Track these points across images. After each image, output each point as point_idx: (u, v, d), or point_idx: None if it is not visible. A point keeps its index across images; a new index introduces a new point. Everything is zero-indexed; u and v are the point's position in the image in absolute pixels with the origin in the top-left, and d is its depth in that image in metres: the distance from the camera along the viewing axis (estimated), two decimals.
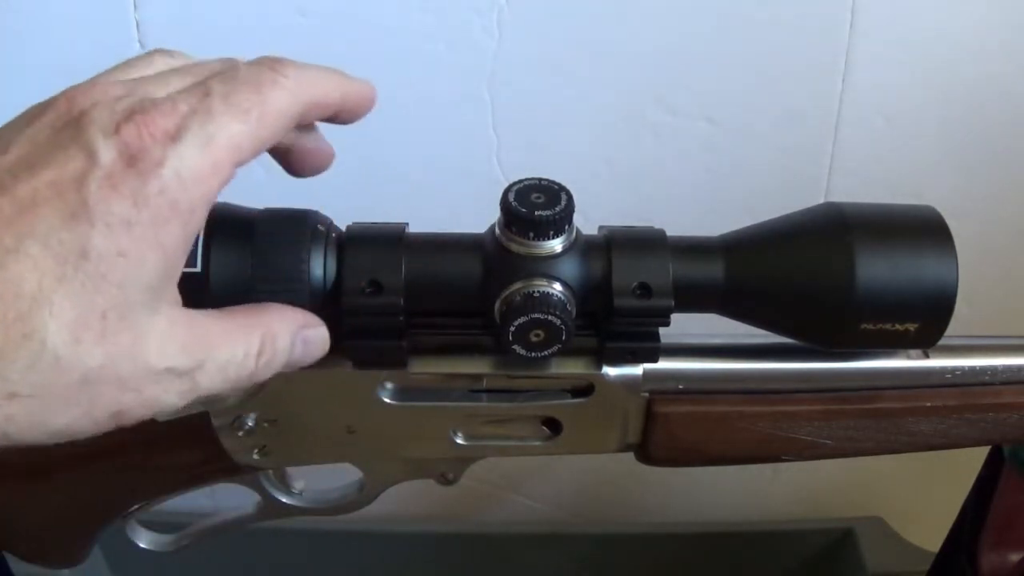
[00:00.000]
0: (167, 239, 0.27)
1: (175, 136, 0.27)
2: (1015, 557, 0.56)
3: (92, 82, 0.28)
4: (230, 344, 0.30)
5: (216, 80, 0.28)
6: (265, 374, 0.31)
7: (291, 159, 0.34)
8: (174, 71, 0.30)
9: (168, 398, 0.28)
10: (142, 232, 0.26)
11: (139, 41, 0.63)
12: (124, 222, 0.26)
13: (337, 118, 0.33)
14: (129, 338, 0.27)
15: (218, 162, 0.27)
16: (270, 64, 0.29)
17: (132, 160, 0.26)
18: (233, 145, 0.28)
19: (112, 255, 0.26)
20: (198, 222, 0.28)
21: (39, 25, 0.63)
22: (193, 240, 0.28)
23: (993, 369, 0.40)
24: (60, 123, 0.27)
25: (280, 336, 0.32)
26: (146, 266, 0.26)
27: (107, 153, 0.26)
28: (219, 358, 0.29)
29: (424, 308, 0.35)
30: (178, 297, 0.29)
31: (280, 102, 0.29)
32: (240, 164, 0.28)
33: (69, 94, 0.27)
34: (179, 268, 0.28)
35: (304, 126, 0.33)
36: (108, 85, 0.28)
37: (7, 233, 0.25)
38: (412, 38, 0.64)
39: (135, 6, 0.62)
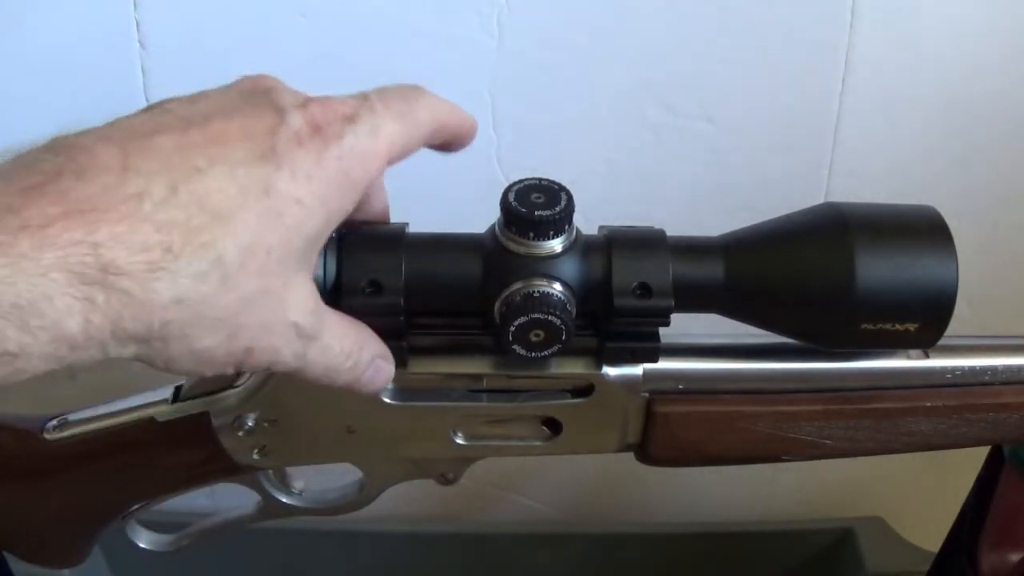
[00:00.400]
0: (334, 201, 0.30)
1: (351, 120, 0.30)
2: (1015, 557, 0.55)
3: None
4: (340, 334, 0.32)
5: (373, 92, 0.32)
6: (339, 379, 0.33)
7: None
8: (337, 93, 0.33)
9: (286, 353, 0.30)
10: (318, 188, 0.29)
11: (139, 41, 0.63)
12: (306, 174, 0.29)
13: (448, 145, 0.36)
14: (280, 281, 0.29)
15: (380, 150, 0.31)
16: (413, 86, 0.34)
17: (317, 128, 0.29)
18: (391, 140, 0.31)
19: (290, 199, 0.28)
20: (357, 196, 0.31)
21: (39, 25, 0.63)
22: (343, 218, 0.31)
23: (993, 369, 0.40)
24: (249, 92, 0.30)
25: (366, 353, 0.34)
26: (314, 219, 0.29)
27: (296, 118, 0.29)
28: (330, 340, 0.32)
29: (424, 308, 0.35)
30: (312, 271, 0.32)
31: (423, 115, 0.33)
32: (392, 160, 0.32)
33: (249, 77, 0.32)
34: (325, 239, 0.31)
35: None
36: (280, 87, 0.32)
37: (200, 156, 0.27)
38: (412, 38, 0.64)
39: (135, 6, 0.62)
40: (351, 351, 0.33)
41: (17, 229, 0.24)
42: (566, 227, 0.34)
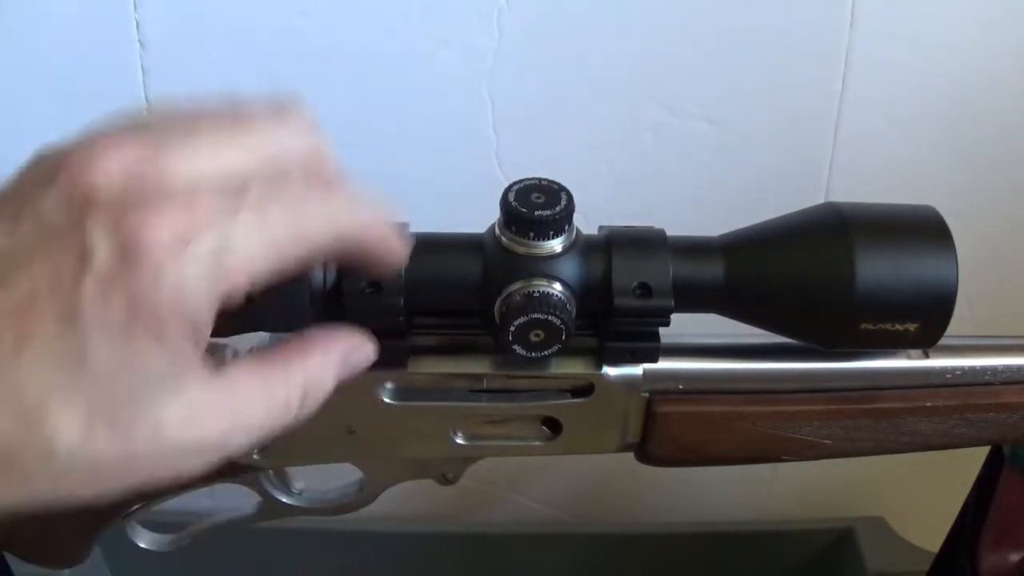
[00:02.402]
0: (168, 346, 0.24)
1: (182, 243, 0.23)
2: (1015, 557, 0.55)
3: (111, 141, 0.25)
4: (265, 405, 0.29)
5: (256, 186, 0.25)
6: (309, 411, 0.30)
7: None
8: (219, 138, 0.26)
9: (194, 467, 0.27)
10: (140, 341, 0.24)
11: (139, 41, 0.63)
12: (118, 331, 0.24)
13: (359, 266, 0.31)
14: (146, 427, 0.25)
15: (224, 276, 0.24)
16: (325, 183, 0.27)
17: (130, 261, 0.23)
18: (246, 262, 0.25)
19: (110, 362, 0.24)
20: (204, 322, 0.25)
21: (39, 25, 0.63)
22: (206, 337, 0.26)
23: (993, 369, 0.40)
24: (63, 200, 0.24)
25: (323, 376, 0.30)
26: (151, 368, 0.25)
27: (104, 250, 0.23)
28: (253, 422, 0.28)
29: (424, 308, 0.35)
30: (203, 370, 0.26)
31: (312, 228, 0.26)
32: (252, 282, 0.25)
33: (77, 161, 0.24)
34: (196, 354, 0.26)
35: None
36: (128, 148, 0.24)
37: (8, 334, 0.23)
38: (412, 38, 0.64)
39: (135, 6, 0.62)
40: (303, 395, 0.30)
41: None
42: (566, 227, 0.34)
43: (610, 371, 0.38)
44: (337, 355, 0.31)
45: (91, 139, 0.25)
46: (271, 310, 0.33)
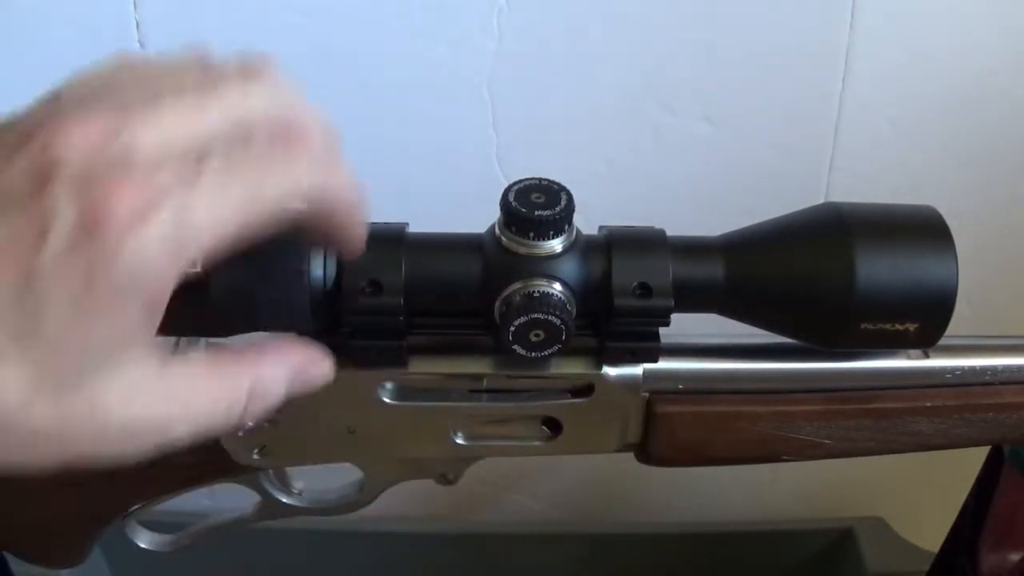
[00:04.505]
0: (123, 317, 0.25)
1: (143, 214, 0.24)
2: (1015, 557, 0.55)
3: (77, 111, 0.25)
4: (210, 399, 0.28)
5: (219, 151, 0.25)
6: (252, 419, 0.30)
7: None
8: (185, 102, 0.26)
9: (132, 451, 0.27)
10: (95, 310, 0.24)
11: (139, 41, 0.63)
12: (75, 299, 0.24)
13: (325, 237, 0.31)
14: (86, 401, 0.25)
15: (185, 245, 0.25)
16: (292, 144, 0.27)
17: (91, 230, 0.23)
18: (208, 228, 0.25)
19: (62, 330, 0.24)
20: (162, 295, 0.25)
21: (39, 25, 0.63)
22: (160, 312, 0.26)
23: (993, 369, 0.40)
24: (28, 169, 0.24)
25: (272, 384, 0.30)
26: (102, 339, 0.25)
27: (66, 219, 0.23)
28: (196, 414, 0.28)
29: (424, 308, 0.35)
30: (153, 351, 0.27)
31: (278, 199, 0.26)
32: (213, 251, 0.26)
33: (44, 132, 0.24)
34: (149, 331, 0.26)
35: None
36: (93, 119, 0.25)
37: None
38: (412, 38, 0.64)
39: (135, 6, 0.62)
40: (248, 399, 0.29)
41: None
42: (566, 227, 0.34)
43: (610, 371, 0.38)
44: (289, 367, 0.31)
45: (58, 108, 0.25)
46: (270, 311, 0.33)
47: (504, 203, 0.34)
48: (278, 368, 0.31)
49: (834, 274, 0.35)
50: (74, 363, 0.25)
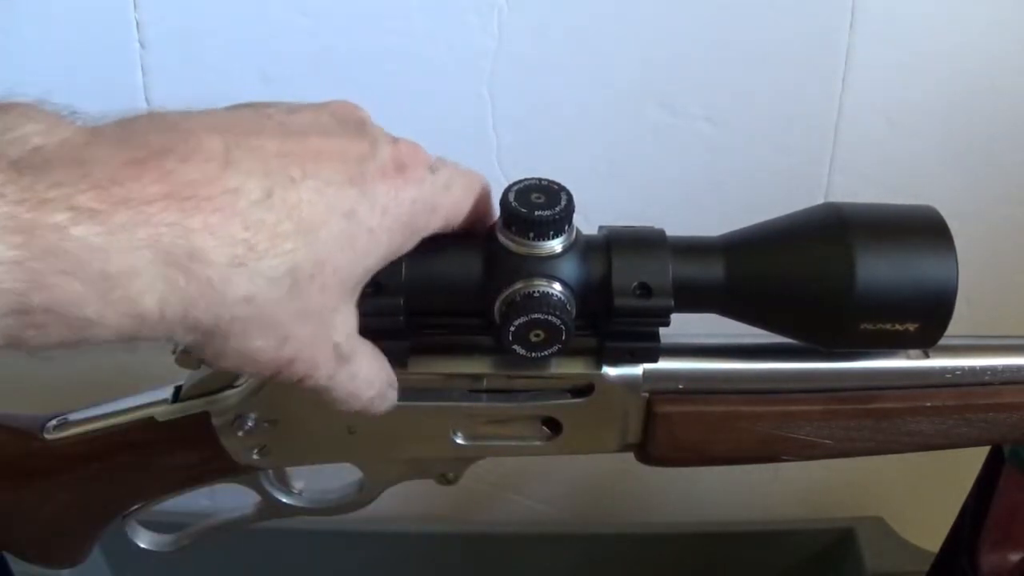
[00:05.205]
0: (396, 240, 0.31)
1: (433, 168, 0.32)
2: (1015, 557, 0.55)
3: None
4: (367, 363, 0.34)
5: (447, 160, 0.34)
6: (356, 405, 0.34)
7: None
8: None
9: (322, 370, 0.31)
10: (390, 223, 0.30)
11: (139, 41, 0.63)
12: (383, 207, 0.30)
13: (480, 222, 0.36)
14: (335, 302, 0.30)
15: (446, 207, 0.33)
16: (479, 176, 0.35)
17: (402, 167, 0.31)
18: (456, 202, 0.33)
19: (365, 227, 0.30)
20: (413, 243, 0.32)
21: (39, 25, 0.63)
22: (400, 254, 0.32)
23: (993, 369, 0.40)
24: (342, 117, 0.32)
25: (390, 387, 0.35)
26: (377, 251, 0.31)
27: (385, 151, 0.31)
28: (359, 367, 0.33)
29: (424, 308, 0.35)
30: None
31: (476, 198, 0.34)
32: (444, 224, 0.33)
33: (342, 103, 0.33)
34: (375, 271, 0.32)
35: None
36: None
37: (296, 167, 0.28)
38: (412, 38, 0.64)
39: (135, 6, 0.62)
40: (374, 380, 0.34)
41: (118, 201, 0.24)
42: (566, 227, 0.34)
43: (610, 371, 0.38)
44: (391, 379, 0.35)
45: None
46: None
47: (504, 203, 0.34)
48: (390, 376, 0.35)
49: (834, 274, 0.35)
50: (353, 263, 0.30)
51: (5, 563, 0.49)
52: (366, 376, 0.33)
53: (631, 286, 0.35)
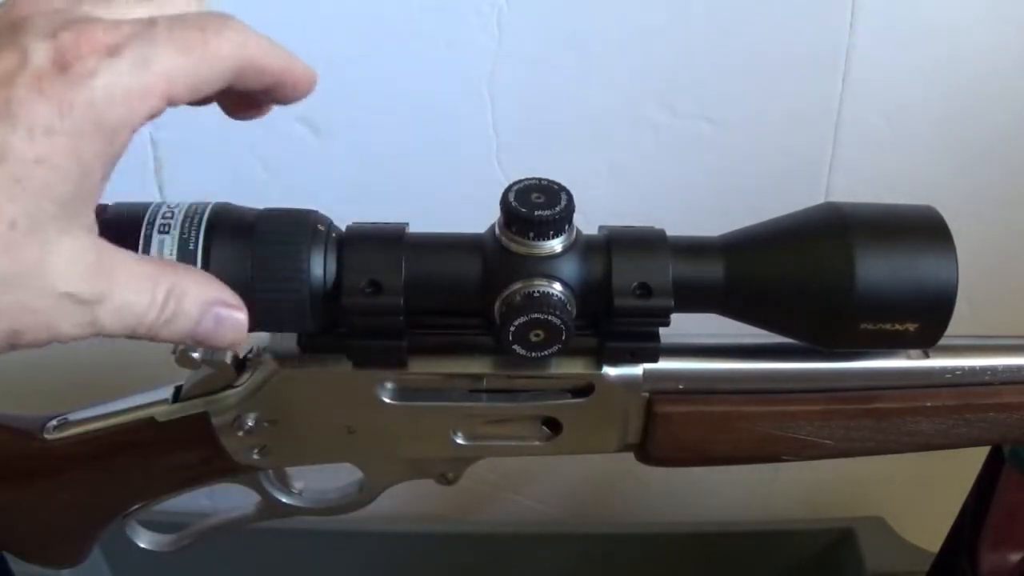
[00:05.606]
0: (87, 153, 0.26)
1: (112, 51, 0.26)
2: (1015, 557, 0.56)
3: None
4: (136, 286, 0.29)
5: (164, 18, 0.28)
6: (166, 333, 0.30)
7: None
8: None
9: (64, 326, 0.27)
10: (63, 142, 0.25)
11: None
12: (46, 128, 0.25)
13: (273, 92, 0.32)
14: (36, 252, 0.26)
15: (150, 87, 0.27)
16: (221, 14, 0.29)
17: (64, 66, 0.25)
18: (168, 75, 0.27)
19: (29, 160, 0.25)
20: (121, 145, 0.27)
21: None
22: (114, 165, 0.27)
23: (993, 369, 0.40)
24: (1, 22, 0.26)
25: (189, 298, 0.30)
26: (62, 177, 0.26)
27: (40, 55, 0.25)
28: (121, 297, 0.28)
29: (424, 308, 0.35)
30: (93, 225, 0.28)
31: (222, 49, 0.29)
32: (172, 101, 0.28)
33: (10, 1, 0.27)
34: (97, 191, 0.27)
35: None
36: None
37: None
38: (412, 38, 0.64)
39: None
40: (165, 301, 0.29)
41: None
42: (566, 227, 0.34)
43: (610, 371, 0.38)
44: (209, 294, 0.31)
45: None
46: (270, 310, 0.33)
47: (504, 203, 0.34)
48: (197, 289, 0.30)
49: (834, 274, 0.35)
50: (33, 204, 0.25)
51: (5, 563, 0.49)
52: (147, 302, 0.29)
53: (631, 286, 0.35)
